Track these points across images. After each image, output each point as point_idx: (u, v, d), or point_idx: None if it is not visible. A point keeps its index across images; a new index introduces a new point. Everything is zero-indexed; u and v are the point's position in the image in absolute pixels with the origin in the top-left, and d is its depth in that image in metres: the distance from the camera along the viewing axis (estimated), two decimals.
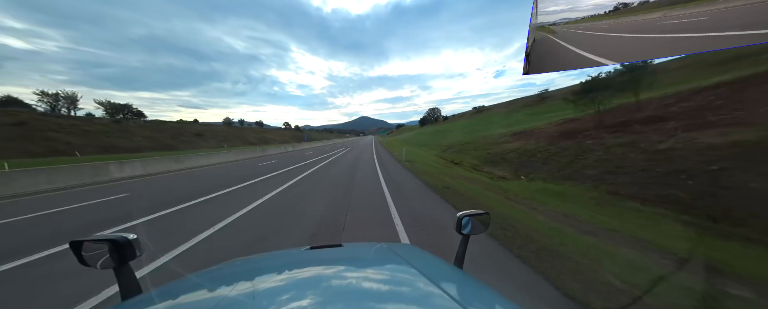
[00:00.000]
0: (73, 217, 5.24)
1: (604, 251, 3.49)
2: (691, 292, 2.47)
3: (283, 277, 0.91)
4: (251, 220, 4.68)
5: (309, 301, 0.68)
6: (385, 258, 1.14)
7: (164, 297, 0.79)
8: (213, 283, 0.90)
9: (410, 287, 0.82)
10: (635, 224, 5.44)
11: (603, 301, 2.20)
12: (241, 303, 0.70)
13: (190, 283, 0.92)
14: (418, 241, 3.66)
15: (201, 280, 0.95)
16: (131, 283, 0.88)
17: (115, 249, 0.84)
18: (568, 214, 5.69)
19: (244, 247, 3.57)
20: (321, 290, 0.78)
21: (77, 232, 4.33)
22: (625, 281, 2.45)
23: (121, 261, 0.85)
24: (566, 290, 2.37)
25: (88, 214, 5.48)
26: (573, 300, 2.26)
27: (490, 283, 0.89)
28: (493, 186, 9.62)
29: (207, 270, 1.09)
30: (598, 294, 2.29)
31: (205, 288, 0.86)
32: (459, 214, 1.19)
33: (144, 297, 0.82)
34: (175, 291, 0.85)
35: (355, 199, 6.17)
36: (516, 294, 2.44)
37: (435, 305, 0.67)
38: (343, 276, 0.91)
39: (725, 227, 5.06)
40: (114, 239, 0.84)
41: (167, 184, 9.32)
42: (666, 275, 2.81)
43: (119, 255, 0.84)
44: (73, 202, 6.55)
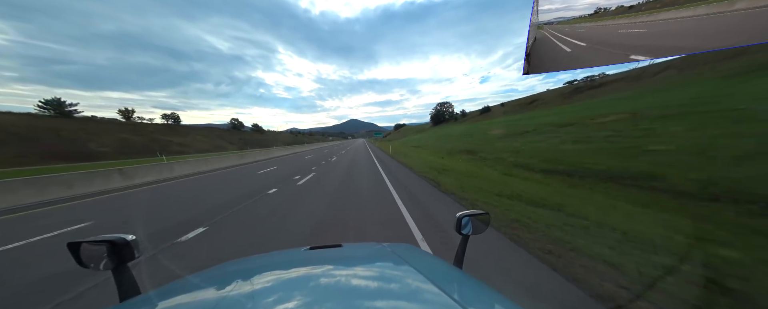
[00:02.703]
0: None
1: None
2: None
3: (283, 277, 0.91)
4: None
5: (308, 301, 0.68)
6: (384, 258, 1.13)
7: (163, 298, 0.79)
8: (212, 283, 0.90)
9: (410, 287, 0.82)
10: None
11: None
12: (241, 303, 0.70)
13: (188, 284, 0.92)
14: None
15: (200, 280, 0.95)
16: (130, 284, 0.88)
17: (113, 250, 0.84)
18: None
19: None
20: (321, 290, 0.77)
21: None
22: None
23: (119, 262, 0.85)
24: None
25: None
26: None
27: (490, 282, 0.89)
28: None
29: (206, 270, 1.09)
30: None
31: (204, 288, 0.86)
32: (459, 214, 1.18)
33: (142, 298, 0.82)
34: (173, 291, 0.85)
35: None
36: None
37: (435, 305, 0.67)
38: (343, 276, 0.91)
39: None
40: (112, 240, 0.84)
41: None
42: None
43: (118, 256, 0.84)
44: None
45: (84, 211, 6.10)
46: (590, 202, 5.41)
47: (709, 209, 4.69)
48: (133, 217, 5.49)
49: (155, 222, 4.85)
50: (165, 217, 5.18)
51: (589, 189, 6.86)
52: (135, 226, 4.79)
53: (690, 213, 4.58)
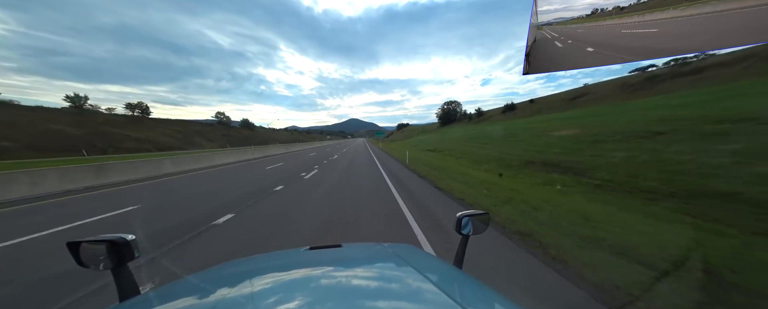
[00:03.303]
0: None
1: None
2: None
3: (283, 277, 0.90)
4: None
5: (308, 301, 0.68)
6: (384, 258, 1.13)
7: (162, 298, 0.79)
8: (212, 283, 0.90)
9: (410, 287, 0.82)
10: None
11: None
12: (240, 304, 0.70)
13: (188, 284, 0.92)
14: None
15: (199, 280, 0.95)
16: (129, 283, 0.88)
17: (113, 250, 0.84)
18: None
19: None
20: (320, 291, 0.77)
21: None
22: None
23: (119, 262, 0.85)
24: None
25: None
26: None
27: (490, 282, 0.88)
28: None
29: (205, 271, 1.09)
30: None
31: (203, 289, 0.86)
32: (459, 214, 1.18)
33: (142, 298, 0.82)
34: (173, 292, 0.85)
35: None
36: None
37: (435, 305, 0.67)
38: (343, 276, 0.90)
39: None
40: (112, 240, 0.84)
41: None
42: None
43: (117, 256, 0.84)
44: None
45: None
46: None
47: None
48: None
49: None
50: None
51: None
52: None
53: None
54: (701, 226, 4.53)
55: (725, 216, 4.94)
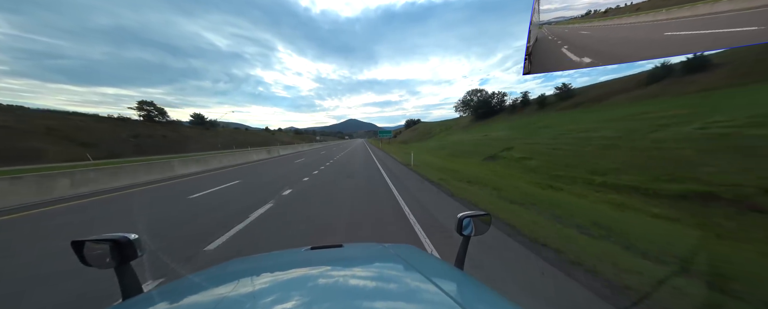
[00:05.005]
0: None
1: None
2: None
3: (284, 277, 0.91)
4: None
5: (309, 300, 0.68)
6: (385, 258, 1.14)
7: (165, 297, 0.79)
8: (213, 283, 0.91)
9: (411, 288, 0.82)
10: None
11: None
12: (241, 303, 0.70)
13: (190, 283, 0.93)
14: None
15: (201, 280, 0.95)
16: (132, 282, 0.89)
17: (116, 249, 0.85)
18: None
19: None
20: (321, 291, 0.78)
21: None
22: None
23: (122, 260, 0.86)
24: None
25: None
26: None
27: (491, 282, 0.89)
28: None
29: (207, 270, 1.10)
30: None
31: (205, 288, 0.86)
32: (460, 215, 1.18)
33: (144, 296, 0.83)
34: (175, 291, 0.86)
35: None
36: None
37: (435, 306, 0.67)
38: (344, 276, 0.91)
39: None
40: (115, 239, 0.85)
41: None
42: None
43: (121, 255, 0.85)
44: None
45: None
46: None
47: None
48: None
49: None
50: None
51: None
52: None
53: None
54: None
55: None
